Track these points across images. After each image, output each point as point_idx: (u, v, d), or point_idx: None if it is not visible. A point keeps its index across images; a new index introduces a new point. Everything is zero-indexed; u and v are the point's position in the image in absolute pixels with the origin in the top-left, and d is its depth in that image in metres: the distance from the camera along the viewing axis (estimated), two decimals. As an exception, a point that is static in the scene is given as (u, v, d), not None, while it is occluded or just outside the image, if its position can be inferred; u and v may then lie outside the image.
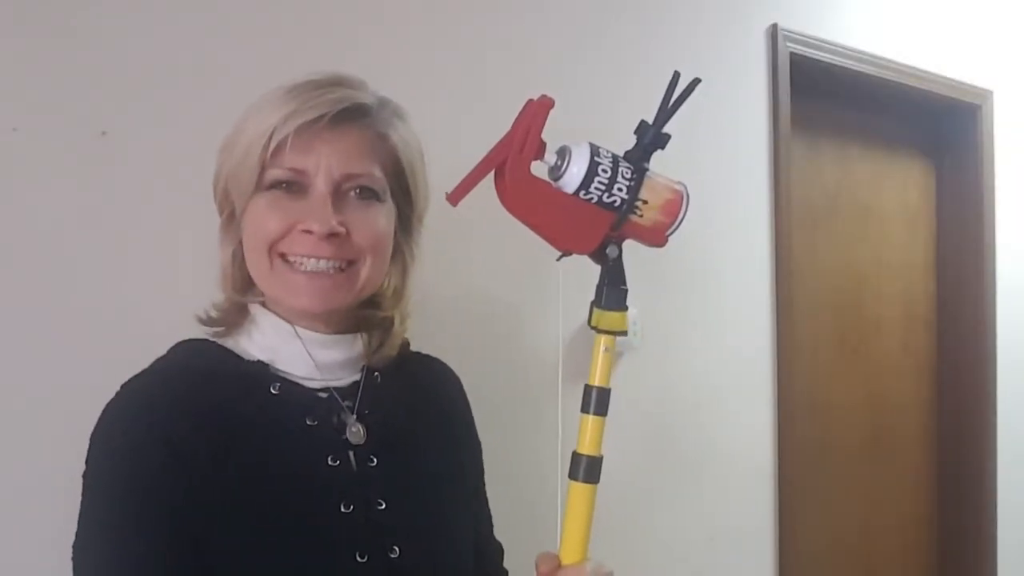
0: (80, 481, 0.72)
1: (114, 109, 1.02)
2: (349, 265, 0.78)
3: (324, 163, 0.76)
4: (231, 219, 0.81)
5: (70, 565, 0.71)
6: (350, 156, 0.77)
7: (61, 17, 0.99)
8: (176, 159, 1.05)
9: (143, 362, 0.79)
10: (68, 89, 1.00)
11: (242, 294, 0.82)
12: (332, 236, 0.75)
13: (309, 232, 0.75)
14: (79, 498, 0.72)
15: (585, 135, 0.76)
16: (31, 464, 0.96)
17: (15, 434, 0.96)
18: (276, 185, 0.77)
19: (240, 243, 0.81)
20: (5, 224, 0.96)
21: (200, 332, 0.84)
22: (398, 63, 1.25)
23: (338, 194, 0.77)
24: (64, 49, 0.99)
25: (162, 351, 0.82)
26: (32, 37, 0.97)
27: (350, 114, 0.77)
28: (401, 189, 0.84)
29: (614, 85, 1.53)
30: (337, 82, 0.78)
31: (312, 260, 0.76)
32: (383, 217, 0.81)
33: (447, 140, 1.23)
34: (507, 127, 0.75)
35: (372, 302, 0.84)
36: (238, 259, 0.82)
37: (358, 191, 0.78)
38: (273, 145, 0.74)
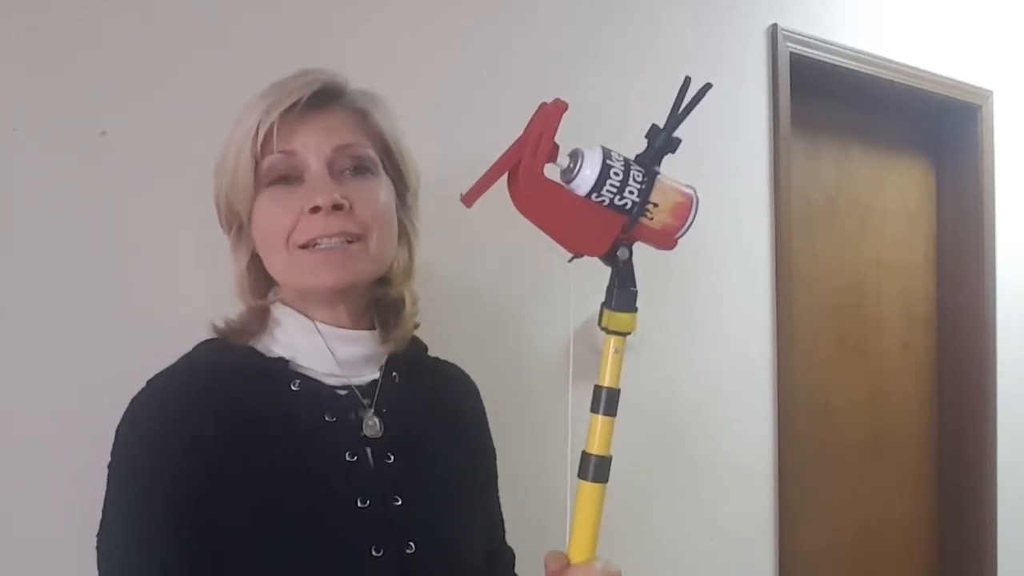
0: (104, 473, 0.74)
1: (114, 109, 1.02)
2: (359, 239, 0.79)
3: (313, 143, 0.78)
4: (240, 231, 0.83)
5: (94, 555, 0.72)
6: (336, 131, 0.80)
7: (61, 17, 0.98)
8: (176, 159, 1.05)
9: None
10: (68, 89, 0.99)
11: (262, 298, 0.84)
12: (337, 210, 0.77)
13: (316, 210, 0.76)
14: (102, 491, 0.74)
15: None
16: (37, 463, 0.96)
17: (17, 436, 0.96)
18: (274, 181, 0.79)
19: (253, 252, 0.83)
20: (5, 224, 0.96)
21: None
22: (399, 64, 1.25)
23: (333, 171, 0.79)
24: (64, 49, 0.99)
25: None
26: (32, 37, 0.97)
27: (326, 94, 0.80)
28: (392, 165, 0.86)
29: (613, 85, 1.52)
30: (306, 71, 0.81)
31: (325, 239, 0.77)
32: (382, 191, 0.82)
33: (448, 141, 1.23)
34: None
35: (384, 280, 0.85)
36: (252, 268, 0.84)
37: (352, 169, 0.80)
38: (261, 138, 0.77)
